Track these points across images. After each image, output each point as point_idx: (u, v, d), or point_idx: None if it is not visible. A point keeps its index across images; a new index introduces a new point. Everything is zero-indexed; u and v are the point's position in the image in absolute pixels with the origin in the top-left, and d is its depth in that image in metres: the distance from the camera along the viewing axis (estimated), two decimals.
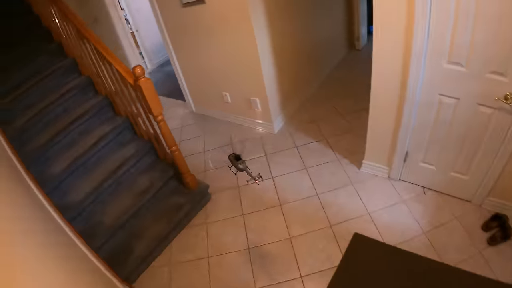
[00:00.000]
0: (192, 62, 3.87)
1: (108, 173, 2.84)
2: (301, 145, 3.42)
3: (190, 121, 4.45)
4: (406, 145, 2.57)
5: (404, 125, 2.44)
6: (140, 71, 2.36)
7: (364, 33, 4.88)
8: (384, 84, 2.37)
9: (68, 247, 2.20)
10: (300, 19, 3.60)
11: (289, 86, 3.72)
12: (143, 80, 2.40)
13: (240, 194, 3.08)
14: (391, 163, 2.75)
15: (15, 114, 2.90)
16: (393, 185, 2.79)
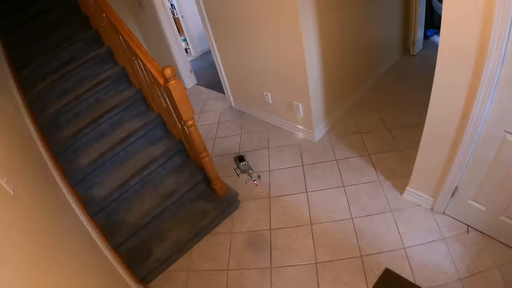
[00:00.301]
0: (233, 56, 3.80)
1: (135, 170, 2.90)
2: (341, 159, 3.27)
3: (228, 116, 4.41)
4: (458, 180, 2.36)
5: (459, 159, 2.23)
6: (170, 72, 2.27)
7: (420, 38, 4.54)
8: (444, 112, 2.17)
9: (83, 240, 2.27)
10: (352, 17, 3.37)
11: (335, 91, 3.55)
12: (173, 82, 2.32)
13: (270, 205, 3.02)
14: (437, 195, 2.56)
15: (48, 101, 2.92)
16: (435, 218, 2.60)
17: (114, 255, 2.57)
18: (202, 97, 5.09)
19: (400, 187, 2.86)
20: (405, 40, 4.56)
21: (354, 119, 3.74)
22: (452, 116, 2.11)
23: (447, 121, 2.16)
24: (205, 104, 4.88)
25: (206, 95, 5.04)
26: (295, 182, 3.17)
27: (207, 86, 5.26)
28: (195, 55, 6.71)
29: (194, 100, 5.01)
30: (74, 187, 2.79)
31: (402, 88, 4.04)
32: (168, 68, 2.25)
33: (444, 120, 2.18)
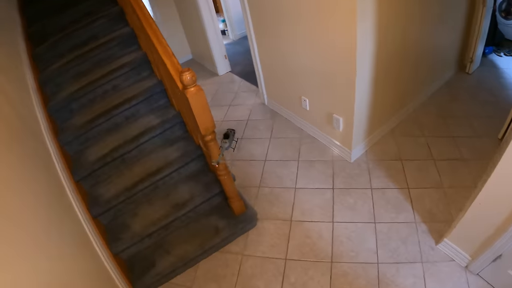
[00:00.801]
0: (272, 49, 3.58)
1: (147, 173, 2.83)
2: (377, 188, 3.08)
3: (258, 115, 4.22)
4: (505, 249, 2.16)
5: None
6: (189, 78, 1.98)
7: (479, 54, 4.14)
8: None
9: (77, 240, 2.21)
10: (412, 25, 3.04)
11: (382, 108, 3.30)
12: (193, 90, 2.03)
13: (290, 230, 2.90)
14: (477, 256, 2.38)
15: (62, 83, 2.75)
16: (467, 279, 2.43)
17: (113, 262, 2.53)
18: (234, 87, 4.91)
19: (436, 234, 2.69)
20: (462, 56, 4.20)
21: (397, 142, 3.48)
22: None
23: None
24: (236, 96, 4.70)
25: (239, 86, 4.87)
26: (322, 207, 3.02)
27: (242, 76, 5.08)
28: (233, 38, 6.53)
29: (225, 90, 4.87)
30: (80, 182, 2.69)
31: (454, 112, 3.71)
32: (188, 73, 1.97)
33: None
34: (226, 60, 5.25)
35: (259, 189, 3.29)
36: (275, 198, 3.18)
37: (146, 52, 3.12)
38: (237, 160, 3.66)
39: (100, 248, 2.45)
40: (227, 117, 4.33)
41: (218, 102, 4.73)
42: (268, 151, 3.68)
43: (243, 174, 3.48)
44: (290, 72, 3.50)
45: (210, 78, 5.40)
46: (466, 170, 3.07)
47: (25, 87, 2.70)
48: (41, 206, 1.95)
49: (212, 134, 2.32)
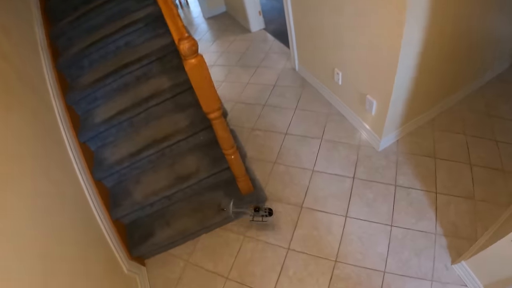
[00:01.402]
0: (308, 8, 3.12)
1: (153, 139, 2.65)
2: (402, 186, 2.77)
3: (287, 80, 3.88)
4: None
5: None
6: (188, 48, 1.66)
7: None
8: None
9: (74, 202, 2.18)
10: (469, 9, 2.49)
11: (423, 95, 2.85)
12: (193, 62, 1.74)
13: (299, 218, 2.70)
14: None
15: (74, 37, 2.57)
16: None
17: (112, 227, 2.49)
18: (266, 47, 4.54)
19: (454, 252, 2.41)
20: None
21: (434, 136, 3.07)
22: None
23: None
24: (267, 57, 4.34)
25: (271, 46, 4.49)
26: (338, 197, 2.79)
27: (275, 35, 4.68)
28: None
29: (256, 49, 4.52)
30: (86, 143, 2.64)
31: (503, 112, 3.18)
32: (186, 41, 1.66)
33: None
34: (260, 16, 4.84)
35: (274, 165, 3.07)
36: (289, 179, 2.96)
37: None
38: (256, 130, 3.42)
39: (98, 211, 2.38)
40: (252, 80, 4.03)
41: (246, 62, 4.41)
42: (291, 124, 3.41)
43: (260, 146, 3.26)
44: (325, 39, 3.08)
45: (241, 34, 5.04)
46: (503, 185, 2.69)
47: (33, 43, 2.53)
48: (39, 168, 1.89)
49: (217, 112, 2.05)
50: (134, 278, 2.46)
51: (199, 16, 5.93)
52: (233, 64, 4.43)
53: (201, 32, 5.39)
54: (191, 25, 5.64)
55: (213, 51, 4.83)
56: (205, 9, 5.75)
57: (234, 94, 3.91)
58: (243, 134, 3.41)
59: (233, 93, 3.92)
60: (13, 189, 1.58)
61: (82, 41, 2.77)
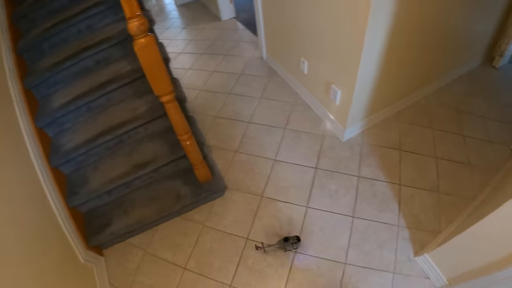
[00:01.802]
0: (276, 1, 2.96)
1: (111, 125, 2.42)
2: (365, 178, 2.58)
3: (254, 69, 3.69)
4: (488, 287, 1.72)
5: (507, 274, 1.54)
6: (136, 27, 1.52)
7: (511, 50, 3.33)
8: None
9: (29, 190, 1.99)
10: (440, 2, 2.34)
11: (389, 87, 2.68)
12: (142, 42, 1.58)
13: (259, 207, 2.50)
14: (455, 284, 1.93)
15: (34, 21, 2.38)
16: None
17: (68, 216, 2.28)
18: (235, 36, 4.35)
19: (417, 244, 2.23)
20: (492, 48, 3.40)
21: (400, 128, 2.90)
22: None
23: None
24: (235, 45, 4.15)
25: (240, 35, 4.31)
26: (299, 188, 2.58)
27: (245, 24, 4.50)
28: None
29: (225, 37, 4.33)
30: (43, 128, 2.43)
31: (471, 108, 3.04)
32: (136, 20, 1.51)
33: None
34: (231, 5, 4.65)
35: (235, 154, 2.87)
36: (250, 168, 2.76)
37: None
38: (220, 118, 3.21)
39: (54, 199, 2.16)
40: (219, 68, 3.84)
41: (214, 50, 4.20)
42: (255, 113, 3.21)
43: (222, 135, 3.06)
44: (292, 28, 2.92)
45: (212, 22, 4.82)
46: (469, 178, 2.52)
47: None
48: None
49: (169, 95, 1.86)
50: (91, 268, 2.24)
51: (171, 3, 5.66)
52: (201, 52, 4.22)
53: (172, 19, 5.15)
54: (162, 12, 5.39)
55: (182, 38, 4.59)
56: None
57: (199, 82, 3.70)
58: (206, 122, 3.20)
59: (199, 81, 3.71)
60: None
61: (44, 23, 2.56)
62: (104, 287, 2.26)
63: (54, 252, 1.97)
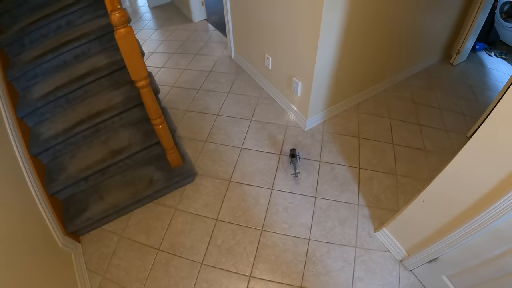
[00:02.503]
0: (242, 2, 2.96)
1: (88, 115, 2.32)
2: (326, 162, 2.53)
3: (222, 67, 3.64)
4: (442, 253, 1.66)
5: (455, 236, 1.51)
6: (118, 18, 1.52)
7: (468, 48, 3.40)
8: (470, 177, 1.35)
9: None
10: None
11: (347, 79, 2.67)
12: (122, 32, 1.57)
13: (227, 191, 2.42)
14: (413, 253, 1.88)
15: (16, 17, 2.34)
16: (399, 273, 1.95)
17: (47, 202, 2.14)
18: (205, 36, 4.28)
19: (377, 221, 2.17)
20: (449, 46, 3.48)
21: (359, 119, 2.89)
22: (477, 188, 1.33)
23: (467, 189, 1.39)
24: (205, 45, 4.09)
25: (210, 35, 4.25)
26: (264, 172, 2.52)
27: (216, 26, 4.44)
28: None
29: (195, 38, 4.25)
30: (23, 118, 2.31)
31: (428, 101, 3.07)
32: (118, 12, 1.51)
33: (464, 187, 1.40)
34: (203, 7, 4.58)
35: (204, 144, 2.78)
36: (218, 156, 2.67)
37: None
38: (190, 111, 3.13)
39: (34, 186, 2.02)
40: (189, 67, 3.75)
41: (185, 49, 4.11)
42: (223, 106, 3.14)
43: (192, 127, 2.97)
44: (257, 27, 2.90)
45: (184, 24, 4.71)
46: (425, 162, 2.50)
47: None
48: None
49: (144, 81, 1.81)
50: (69, 254, 2.09)
51: (145, 5, 5.49)
52: (173, 51, 4.11)
53: (145, 20, 4.98)
54: (136, 14, 5.19)
55: (154, 39, 4.47)
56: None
57: (171, 79, 3.61)
58: (177, 115, 3.11)
59: (171, 78, 3.62)
60: None
61: (25, 19, 2.48)
62: (82, 272, 2.11)
63: (34, 236, 1.82)
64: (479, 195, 1.31)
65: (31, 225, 1.87)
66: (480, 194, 1.31)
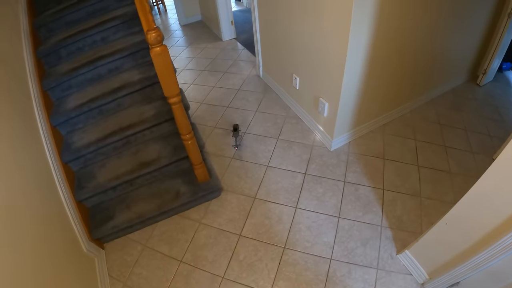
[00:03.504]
0: (271, 20, 3.10)
1: (120, 127, 2.46)
2: (350, 182, 2.59)
3: (251, 85, 3.76)
4: (464, 277, 1.69)
5: (478, 260, 1.53)
6: (154, 38, 1.64)
7: (494, 68, 3.40)
8: (495, 201, 1.38)
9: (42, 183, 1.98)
10: (423, 20, 2.44)
11: (373, 101, 2.74)
12: (158, 50, 1.69)
13: (251, 208, 2.49)
14: (435, 276, 1.90)
15: (53, 30, 2.49)
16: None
17: (75, 208, 2.26)
18: (234, 55, 4.45)
19: (400, 243, 2.20)
20: (476, 66, 3.50)
21: (385, 139, 2.93)
22: (501, 211, 1.35)
23: (491, 212, 1.41)
24: (234, 64, 4.24)
25: (239, 54, 4.40)
26: (289, 190, 2.58)
27: (245, 44, 4.60)
28: (247, 6, 6.01)
29: (224, 56, 4.42)
30: (57, 127, 2.46)
31: (454, 122, 3.09)
32: (154, 32, 1.63)
33: (488, 209, 1.43)
34: (232, 26, 4.76)
35: (231, 161, 2.87)
36: (244, 173, 2.76)
37: None
38: (218, 128, 3.24)
39: (63, 191, 2.15)
40: (218, 84, 3.90)
41: (214, 67, 4.27)
42: (250, 124, 3.24)
43: (219, 143, 3.08)
44: (285, 47, 3.01)
45: (213, 42, 4.92)
46: (450, 184, 2.52)
47: (16, 29, 2.41)
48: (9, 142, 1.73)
49: (177, 98, 1.93)
50: (93, 259, 2.20)
51: (176, 23, 5.80)
52: (202, 69, 4.27)
53: (176, 38, 5.24)
54: (167, 31, 5.46)
55: (185, 56, 4.66)
56: (181, 17, 5.62)
57: (200, 96, 3.75)
58: (205, 131, 3.23)
59: (200, 95, 3.76)
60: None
61: (62, 32, 2.65)
62: (104, 278, 2.21)
63: (61, 239, 1.94)
64: (503, 217, 1.35)
65: (58, 228, 1.99)
66: (504, 216, 1.35)
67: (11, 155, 1.71)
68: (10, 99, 1.92)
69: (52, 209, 2.00)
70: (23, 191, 1.71)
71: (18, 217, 1.57)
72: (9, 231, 1.45)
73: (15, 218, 1.54)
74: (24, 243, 1.54)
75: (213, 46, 4.81)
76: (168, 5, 6.74)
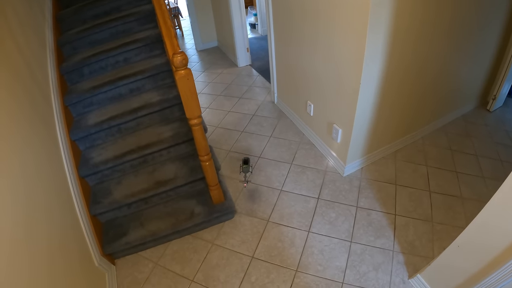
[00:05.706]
0: (287, 49, 3.30)
1: (138, 146, 2.63)
2: (363, 208, 2.72)
3: (265, 111, 3.96)
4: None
5: (488, 281, 1.64)
6: (179, 62, 1.80)
7: (504, 93, 3.58)
8: (503, 225, 1.50)
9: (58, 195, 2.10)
10: (434, 48, 2.63)
11: (385, 128, 2.91)
12: (182, 73, 1.85)
13: (264, 230, 2.61)
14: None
15: (78, 48, 2.72)
16: None
17: (89, 222, 2.40)
18: (249, 81, 4.67)
19: (412, 268, 2.30)
20: (486, 92, 3.67)
21: (397, 166, 3.07)
22: (509, 234, 1.47)
23: (499, 235, 1.53)
24: (249, 90, 4.46)
25: (254, 81, 4.62)
26: (302, 215, 2.71)
27: (259, 71, 4.83)
28: (261, 33, 6.31)
29: (240, 82, 4.65)
30: (76, 141, 2.62)
31: (465, 148, 3.22)
32: (179, 55, 1.79)
33: (496, 233, 1.55)
34: (248, 53, 5.01)
35: (243, 183, 3.03)
36: (258, 196, 2.90)
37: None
38: (233, 152, 3.41)
39: (79, 205, 2.30)
40: (234, 109, 4.10)
41: (230, 92, 4.49)
42: (265, 149, 3.41)
43: (234, 166, 3.24)
44: (300, 75, 3.20)
45: (229, 68, 5.17)
46: (461, 209, 2.64)
47: (42, 44, 2.61)
48: (29, 152, 1.86)
49: (198, 119, 2.10)
50: (104, 274, 2.31)
51: (192, 48, 6.11)
52: (218, 93, 4.49)
53: (192, 62, 5.49)
54: None
55: (201, 80, 4.89)
56: (198, 42, 5.94)
57: (216, 120, 3.94)
58: (221, 155, 3.40)
59: (215, 119, 3.95)
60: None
61: (85, 51, 2.85)
62: None
63: (73, 251, 2.06)
64: (510, 240, 1.47)
65: (72, 241, 2.11)
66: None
67: (34, 166, 1.86)
68: (36, 111, 2.09)
69: (67, 221, 2.13)
70: (44, 203, 1.84)
71: (36, 228, 1.69)
72: (28, 243, 1.56)
73: (35, 229, 1.66)
74: (40, 255, 1.65)
75: (228, 71, 5.05)
76: (185, 31, 7.15)
